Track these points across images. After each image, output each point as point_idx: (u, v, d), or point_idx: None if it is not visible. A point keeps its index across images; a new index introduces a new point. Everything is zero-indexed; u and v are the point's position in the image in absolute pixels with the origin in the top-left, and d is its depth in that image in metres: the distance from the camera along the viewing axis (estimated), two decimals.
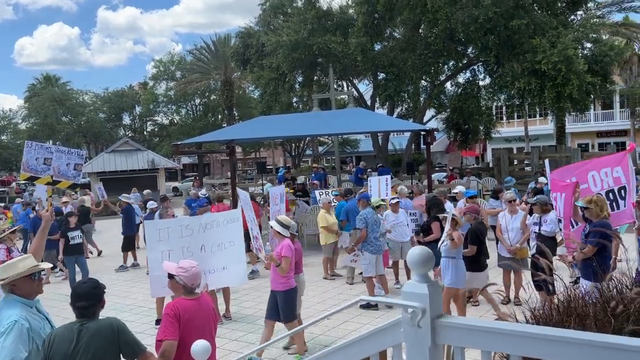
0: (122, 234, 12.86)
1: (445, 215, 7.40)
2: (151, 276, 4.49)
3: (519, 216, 8.24)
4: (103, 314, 3.44)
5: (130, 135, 48.84)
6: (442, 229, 8.34)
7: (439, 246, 7.16)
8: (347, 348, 2.96)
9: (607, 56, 18.38)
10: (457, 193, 11.18)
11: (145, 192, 16.94)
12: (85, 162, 32.44)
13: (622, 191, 6.32)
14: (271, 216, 8.33)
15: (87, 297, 3.28)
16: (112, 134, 50.69)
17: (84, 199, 17.13)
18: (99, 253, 14.49)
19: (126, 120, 53.66)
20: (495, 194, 10.98)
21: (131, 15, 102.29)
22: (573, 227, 6.54)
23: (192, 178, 41.80)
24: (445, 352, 2.95)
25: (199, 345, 3.33)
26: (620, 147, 35.60)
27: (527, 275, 8.03)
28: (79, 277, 10.10)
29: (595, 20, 20.83)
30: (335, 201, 11.85)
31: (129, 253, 12.76)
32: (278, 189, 9.79)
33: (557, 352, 2.14)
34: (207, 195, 14.96)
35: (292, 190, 13.55)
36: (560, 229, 7.34)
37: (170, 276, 3.83)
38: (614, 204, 6.36)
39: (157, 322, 8.20)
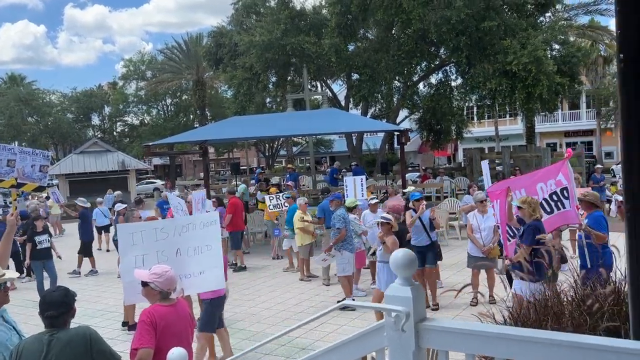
0: (80, 239, 12.47)
1: (378, 219, 7.31)
2: (124, 282, 4.34)
3: (490, 215, 8.28)
4: (73, 320, 3.31)
5: (99, 136, 47.89)
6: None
7: (371, 251, 7.14)
8: (328, 354, 2.90)
9: (575, 57, 18.83)
10: (404, 192, 11.25)
11: (116, 193, 16.58)
12: (52, 164, 31.68)
13: (565, 191, 6.63)
14: None
15: (57, 306, 3.14)
16: (81, 134, 49.60)
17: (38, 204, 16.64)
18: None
19: (95, 120, 52.59)
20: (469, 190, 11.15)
21: (99, 14, 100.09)
22: (510, 233, 6.87)
23: (150, 180, 41.01)
24: (428, 355, 2.92)
25: (175, 353, 3.23)
26: (587, 146, 36.50)
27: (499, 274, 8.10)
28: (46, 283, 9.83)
29: (562, 22, 21.32)
30: (287, 205, 11.71)
31: (85, 258, 12.36)
32: (199, 193, 9.35)
33: (541, 354, 2.13)
34: (179, 197, 14.69)
35: (277, 191, 13.33)
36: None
37: (144, 284, 3.71)
38: (558, 203, 6.67)
39: (124, 324, 8.01)
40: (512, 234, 6.88)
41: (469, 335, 2.33)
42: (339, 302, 8.47)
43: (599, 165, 18.62)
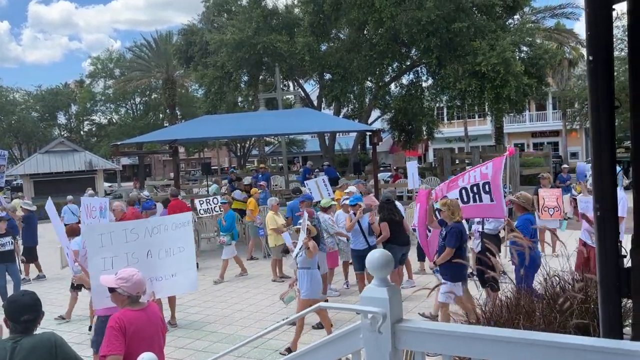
0: (23, 244, 11.88)
1: (299, 226, 7.14)
2: (93, 286, 4.20)
3: None
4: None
5: (65, 135, 46.72)
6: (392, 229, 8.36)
7: (294, 257, 7.07)
8: (303, 357, 2.87)
9: (542, 59, 19.26)
10: (348, 193, 11.16)
11: (89, 192, 16.34)
12: (16, 164, 30.69)
13: (487, 186, 6.58)
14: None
15: (32, 310, 3.08)
16: (46, 133, 48.26)
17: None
18: None
19: (61, 119, 51.24)
20: None
21: (65, 10, 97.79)
22: (429, 235, 6.86)
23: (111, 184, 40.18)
24: (404, 356, 2.91)
25: (145, 358, 3.14)
26: (554, 146, 37.37)
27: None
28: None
29: (530, 24, 21.74)
30: (219, 210, 11.45)
31: (32, 264, 11.92)
32: (97, 200, 8.24)
33: (518, 353, 2.13)
34: (149, 197, 14.43)
35: (257, 191, 13.05)
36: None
37: (112, 289, 3.60)
38: (477, 196, 6.67)
39: (91, 328, 7.80)
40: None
41: (445, 336, 2.32)
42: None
43: (565, 165, 19.04)
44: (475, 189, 6.69)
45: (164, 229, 4.36)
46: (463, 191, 6.76)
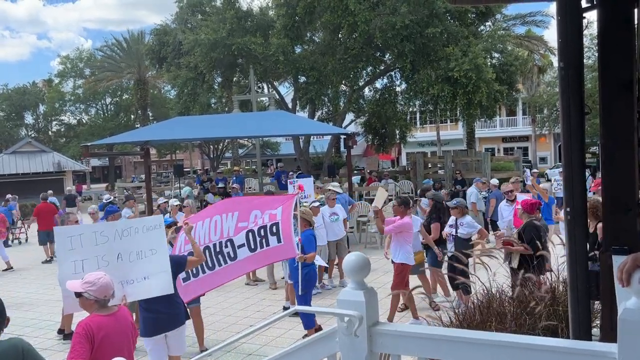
0: None
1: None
2: (63, 290, 4.09)
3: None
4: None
5: (33, 135, 45.66)
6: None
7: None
8: None
9: (513, 66, 19.65)
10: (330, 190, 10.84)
11: (68, 188, 16.28)
12: None
13: (274, 227, 6.27)
14: None
15: None
16: (13, 133, 47.10)
17: None
18: None
19: (29, 119, 50.09)
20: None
21: (33, 8, 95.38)
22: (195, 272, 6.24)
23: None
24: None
25: None
26: (524, 151, 38.14)
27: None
28: None
29: (501, 32, 22.15)
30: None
31: None
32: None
33: (495, 356, 2.15)
34: (110, 200, 14.19)
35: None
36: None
37: (78, 294, 3.51)
38: (263, 240, 6.27)
39: (59, 331, 7.64)
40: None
41: (421, 338, 2.33)
42: (285, 308, 8.42)
43: (535, 170, 19.46)
44: (262, 231, 6.24)
45: (134, 232, 4.29)
46: (250, 234, 6.23)
